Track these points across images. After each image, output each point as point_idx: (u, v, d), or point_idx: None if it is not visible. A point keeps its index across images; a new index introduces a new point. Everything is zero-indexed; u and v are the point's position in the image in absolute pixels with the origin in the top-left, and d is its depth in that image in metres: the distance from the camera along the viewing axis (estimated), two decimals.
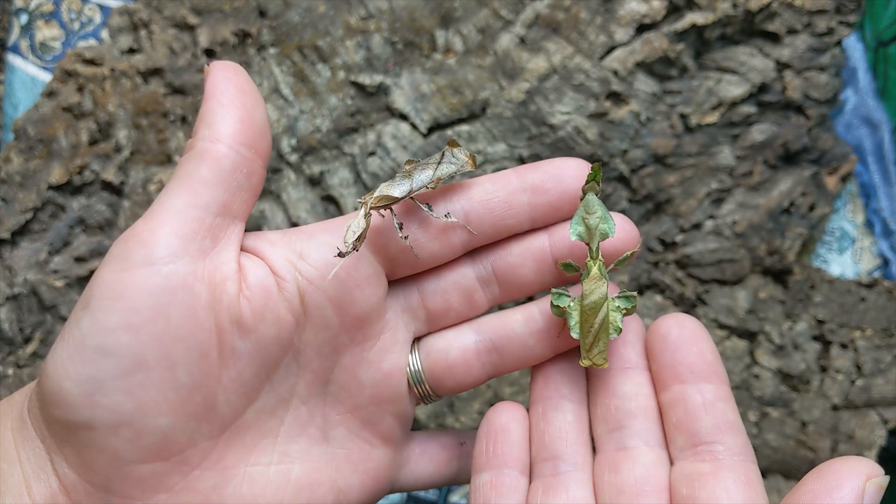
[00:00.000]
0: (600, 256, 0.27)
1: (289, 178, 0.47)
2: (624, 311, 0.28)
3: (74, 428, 0.24)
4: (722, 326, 0.47)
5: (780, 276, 0.48)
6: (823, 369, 0.46)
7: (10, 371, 0.45)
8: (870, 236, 0.53)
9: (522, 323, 0.29)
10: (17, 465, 0.25)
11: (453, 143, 0.28)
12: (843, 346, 0.46)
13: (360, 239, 0.25)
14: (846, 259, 0.52)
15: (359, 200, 0.27)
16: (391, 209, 0.27)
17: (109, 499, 0.25)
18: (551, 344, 0.29)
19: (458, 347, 0.29)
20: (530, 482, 0.28)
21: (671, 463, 0.27)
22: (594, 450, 0.28)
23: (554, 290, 0.28)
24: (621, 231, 0.28)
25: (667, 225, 0.48)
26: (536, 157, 0.47)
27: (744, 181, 0.48)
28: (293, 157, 0.47)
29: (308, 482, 0.28)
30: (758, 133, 0.48)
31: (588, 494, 0.27)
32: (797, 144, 0.48)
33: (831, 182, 0.49)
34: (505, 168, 0.47)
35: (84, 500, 0.25)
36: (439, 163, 0.28)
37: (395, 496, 0.49)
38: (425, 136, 0.47)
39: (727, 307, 0.47)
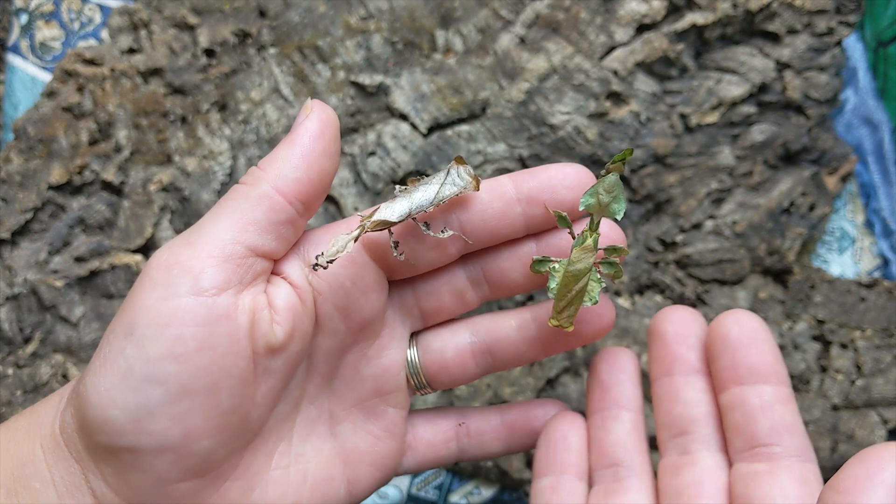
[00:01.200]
0: (598, 231, 0.28)
1: None
2: (603, 284, 0.28)
3: (118, 451, 0.24)
4: None
5: (780, 276, 0.48)
6: (823, 369, 0.46)
7: (10, 371, 0.45)
8: (870, 236, 0.53)
9: (516, 329, 0.30)
10: (51, 485, 0.25)
11: (460, 161, 0.28)
12: (843, 346, 0.46)
13: (335, 260, 0.26)
14: (846, 259, 0.52)
15: (359, 214, 0.27)
16: (389, 230, 0.27)
17: None
18: (543, 349, 0.30)
19: (454, 347, 0.30)
20: (590, 487, 0.30)
21: (731, 465, 0.28)
22: (659, 453, 0.30)
23: (535, 256, 0.28)
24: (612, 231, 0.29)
25: (667, 225, 0.48)
26: (536, 157, 0.47)
27: (744, 181, 0.48)
28: None
29: (323, 478, 0.29)
30: (758, 133, 0.48)
31: (647, 497, 0.28)
32: (797, 144, 0.48)
33: (831, 182, 0.49)
34: (505, 168, 0.47)
35: None
36: (442, 183, 0.27)
37: (396, 496, 0.49)
38: (425, 136, 0.47)
39: (727, 307, 0.47)
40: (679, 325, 0.29)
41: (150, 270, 0.25)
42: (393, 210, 0.27)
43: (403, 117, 0.47)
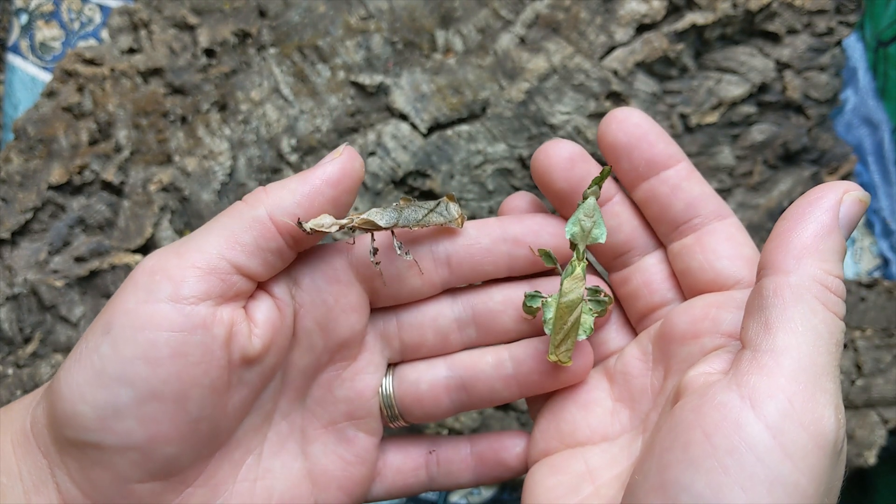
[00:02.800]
0: (585, 259, 0.28)
1: None
2: (595, 314, 0.28)
3: (83, 446, 0.25)
4: None
5: None
6: None
7: (10, 371, 0.45)
8: (870, 236, 0.53)
9: (492, 366, 0.30)
10: (18, 480, 0.25)
11: (451, 198, 0.29)
12: (843, 345, 0.46)
13: (320, 232, 0.26)
14: (846, 259, 0.52)
15: (350, 217, 0.28)
16: (372, 234, 0.28)
17: None
18: (518, 390, 0.30)
19: (429, 381, 0.30)
20: None
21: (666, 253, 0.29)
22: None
23: (527, 292, 0.29)
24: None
25: None
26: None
27: (744, 181, 0.48)
28: (293, 157, 0.47)
29: (290, 497, 0.29)
30: (758, 133, 0.48)
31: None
32: (797, 144, 0.48)
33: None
34: (505, 168, 0.47)
35: None
36: (431, 210, 0.29)
37: None
38: (425, 136, 0.47)
39: None
40: (562, 164, 0.29)
41: (135, 274, 0.26)
42: (382, 216, 0.28)
43: (403, 117, 0.47)
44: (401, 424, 0.31)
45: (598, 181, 0.28)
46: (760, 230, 0.47)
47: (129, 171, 0.48)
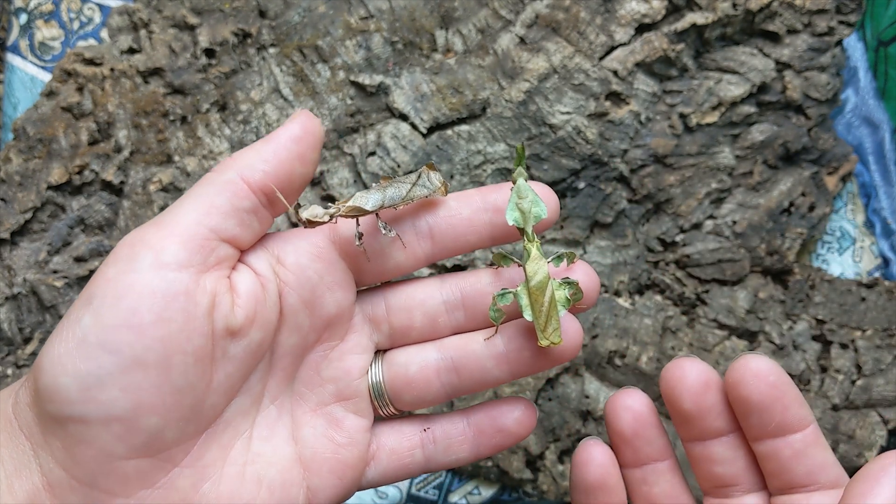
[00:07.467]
0: (536, 238, 0.29)
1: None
2: (567, 289, 0.29)
3: (66, 422, 0.25)
4: (722, 326, 0.47)
5: (780, 276, 0.48)
6: (823, 369, 0.46)
7: (10, 371, 0.45)
8: (870, 236, 0.53)
9: (483, 344, 0.30)
10: None
11: (431, 167, 0.30)
12: (843, 346, 0.46)
13: (313, 224, 0.27)
14: (846, 259, 0.52)
15: (329, 204, 0.28)
16: (357, 220, 0.28)
17: (93, 494, 0.25)
18: (510, 369, 0.30)
19: (419, 363, 0.30)
20: None
21: (769, 496, 0.29)
22: (702, 491, 0.31)
23: (496, 293, 0.29)
24: (585, 277, 0.29)
25: (667, 225, 0.48)
26: (537, 157, 0.47)
27: (744, 181, 0.48)
28: None
29: (281, 481, 0.29)
30: (758, 133, 0.48)
31: None
32: (797, 144, 0.48)
33: (831, 182, 0.49)
34: (505, 168, 0.47)
35: (67, 497, 0.25)
36: (413, 184, 0.29)
37: (396, 496, 0.49)
38: (425, 136, 0.47)
39: (727, 307, 0.47)
40: (695, 388, 0.29)
41: (116, 249, 0.26)
42: (367, 199, 0.28)
43: (403, 117, 0.47)
44: (391, 411, 0.31)
45: (520, 161, 0.28)
46: (760, 230, 0.47)
47: (129, 171, 0.48)
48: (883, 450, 0.44)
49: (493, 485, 0.49)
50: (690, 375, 0.28)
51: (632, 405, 0.29)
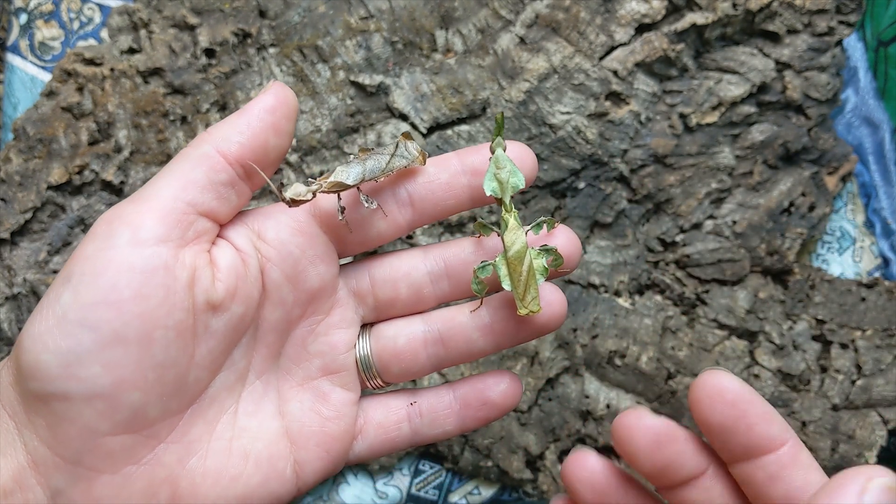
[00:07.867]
0: (513, 207, 0.29)
1: (288, 178, 0.47)
2: (546, 257, 0.29)
3: (49, 399, 0.25)
4: (722, 326, 0.47)
5: (780, 276, 0.48)
6: (823, 369, 0.46)
7: None
8: (870, 236, 0.53)
9: (469, 316, 0.30)
10: None
11: (407, 136, 0.30)
12: (843, 346, 0.46)
13: (297, 202, 0.27)
14: (846, 259, 0.52)
15: (310, 180, 0.28)
16: (339, 194, 0.28)
17: (78, 471, 0.25)
18: (494, 340, 0.30)
19: (406, 335, 0.30)
20: None
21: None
22: None
23: (476, 266, 0.29)
24: (566, 241, 0.29)
25: (667, 225, 0.48)
26: (537, 157, 0.47)
27: (744, 181, 0.48)
28: (293, 157, 0.47)
29: (267, 456, 0.29)
30: (758, 133, 0.48)
31: None
32: (797, 144, 0.48)
33: (831, 182, 0.49)
34: None
35: (53, 474, 0.25)
36: (392, 154, 0.29)
37: (396, 495, 0.49)
38: (425, 136, 0.47)
39: (727, 307, 0.47)
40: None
41: (93, 227, 0.26)
42: (348, 174, 0.28)
43: (403, 117, 0.47)
44: (379, 384, 0.31)
45: (498, 131, 0.28)
46: (760, 230, 0.47)
47: (129, 171, 0.48)
48: (883, 450, 0.44)
49: (493, 485, 0.49)
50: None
51: (590, 468, 0.27)
